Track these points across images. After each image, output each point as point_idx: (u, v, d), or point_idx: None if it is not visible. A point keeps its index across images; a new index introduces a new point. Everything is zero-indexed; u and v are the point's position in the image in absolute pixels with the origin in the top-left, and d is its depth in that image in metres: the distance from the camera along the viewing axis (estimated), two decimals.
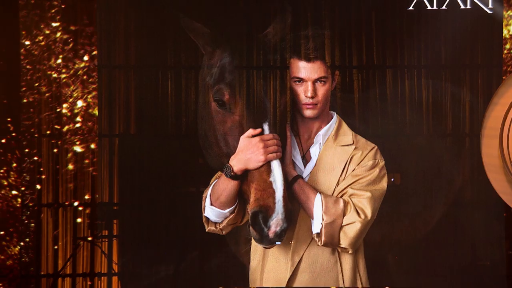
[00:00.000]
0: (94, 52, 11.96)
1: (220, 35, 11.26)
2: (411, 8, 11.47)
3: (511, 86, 11.11)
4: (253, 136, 10.85)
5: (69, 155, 12.03)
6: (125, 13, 11.80)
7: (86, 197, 12.02)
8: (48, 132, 11.98)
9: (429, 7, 11.46)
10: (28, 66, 11.95)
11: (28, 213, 11.99)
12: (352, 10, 11.69)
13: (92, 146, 12.05)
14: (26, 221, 11.97)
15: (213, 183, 11.06)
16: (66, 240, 11.94)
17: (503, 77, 11.57)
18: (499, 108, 11.09)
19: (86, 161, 12.04)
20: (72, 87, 12.06)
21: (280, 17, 11.28)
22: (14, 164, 12.06)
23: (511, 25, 12.12)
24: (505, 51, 12.03)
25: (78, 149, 11.99)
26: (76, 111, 12.06)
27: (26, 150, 12.07)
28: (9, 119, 12.03)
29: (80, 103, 12.04)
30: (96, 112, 11.97)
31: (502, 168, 11.05)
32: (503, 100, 11.11)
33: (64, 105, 12.07)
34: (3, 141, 12.08)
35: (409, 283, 11.85)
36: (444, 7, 11.44)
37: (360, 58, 11.64)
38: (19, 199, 12.03)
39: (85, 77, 12.04)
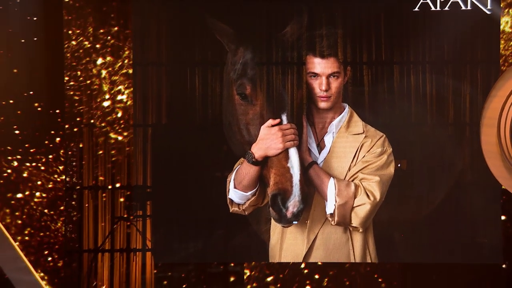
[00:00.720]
0: (127, 51, 12.05)
1: (242, 34, 11.37)
2: (416, 9, 11.47)
3: (508, 80, 11.09)
4: (273, 126, 11.00)
5: (109, 143, 12.15)
6: (157, 16, 11.87)
7: (123, 181, 12.14)
8: (91, 121, 12.14)
9: (433, 8, 11.46)
10: (73, 63, 12.08)
11: (74, 195, 12.12)
12: (363, 12, 11.68)
13: (127, 135, 12.13)
14: (70, 202, 12.09)
15: (237, 168, 11.20)
16: (105, 219, 12.09)
17: (501, 70, 11.53)
18: (497, 100, 11.08)
19: (124, 148, 12.14)
20: (108, 83, 12.14)
21: (297, 18, 11.32)
22: (62, 151, 12.21)
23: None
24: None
25: (116, 138, 12.09)
26: (114, 104, 12.14)
27: (72, 139, 12.16)
28: (57, 111, 12.22)
29: (118, 97, 12.10)
30: (131, 104, 12.06)
31: (499, 155, 11.06)
32: (501, 92, 11.09)
33: (105, 98, 12.13)
34: (52, 132, 12.20)
35: (414, 258, 11.90)
36: (446, 8, 11.43)
37: (369, 55, 11.62)
38: (66, 183, 12.11)
39: (122, 73, 12.12)
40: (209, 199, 11.61)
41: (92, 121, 12.23)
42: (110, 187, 12.16)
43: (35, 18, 12.00)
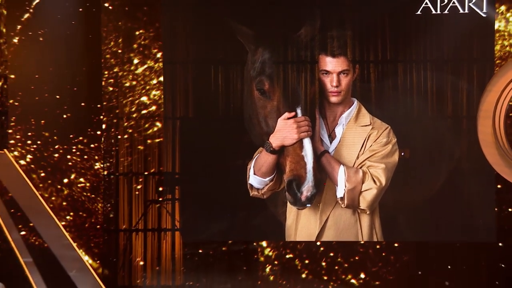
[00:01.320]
0: (158, 52, 12.17)
1: (261, 36, 11.57)
2: (419, 12, 11.51)
3: (502, 77, 11.16)
4: (288, 118, 11.28)
5: (143, 134, 12.27)
6: (184, 20, 12.02)
7: (155, 168, 12.27)
8: (127, 114, 12.26)
9: (434, 12, 11.49)
10: (112, 61, 12.29)
11: (111, 180, 12.29)
12: (370, 15, 11.73)
13: (159, 125, 12.25)
14: (109, 187, 12.32)
15: (256, 157, 11.46)
16: (138, 202, 12.26)
17: (495, 69, 11.56)
18: (492, 94, 11.16)
19: (156, 139, 12.25)
20: (142, 80, 12.33)
21: (310, 21, 11.52)
22: (102, 141, 12.36)
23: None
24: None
25: (149, 129, 12.22)
26: (148, 99, 12.27)
27: (110, 130, 12.35)
28: (98, 105, 12.44)
29: (152, 93, 12.23)
30: (162, 99, 12.21)
31: (494, 144, 11.14)
32: (496, 88, 11.15)
33: (139, 94, 12.27)
34: (92, 133, 12.39)
35: (416, 237, 12.00)
36: (446, 12, 11.46)
37: (376, 54, 11.70)
38: (104, 169, 12.31)
39: (154, 71, 12.25)
40: (231, 184, 11.76)
41: (128, 114, 12.35)
42: (142, 173, 12.33)
43: (73, 22, 12.18)
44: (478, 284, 11.53)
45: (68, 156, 12.45)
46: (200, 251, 12.43)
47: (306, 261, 12.37)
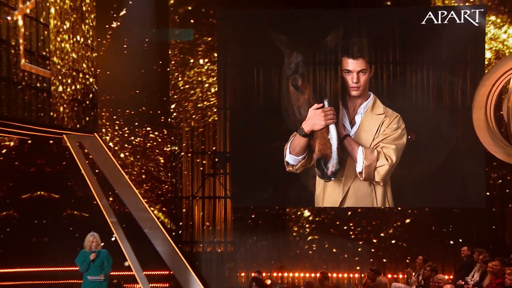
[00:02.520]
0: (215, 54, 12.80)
1: (295, 42, 12.05)
2: (423, 22, 11.83)
3: (493, 74, 11.36)
4: (317, 108, 11.83)
5: (202, 120, 12.87)
6: (234, 30, 12.49)
7: (211, 148, 12.95)
8: (189, 104, 12.90)
9: (436, 22, 11.81)
10: (177, 60, 12.91)
11: (178, 158, 12.92)
12: (383, 25, 12.07)
13: (214, 115, 12.91)
14: (174, 164, 12.91)
15: (291, 140, 11.98)
16: (198, 176, 12.88)
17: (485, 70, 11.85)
18: (485, 88, 11.36)
19: (211, 125, 12.86)
20: (202, 77, 12.97)
21: (335, 30, 11.96)
22: (171, 127, 12.94)
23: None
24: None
25: (206, 117, 12.86)
26: (206, 93, 12.92)
27: (177, 119, 12.99)
28: (164, 98, 12.98)
29: (211, 89, 12.85)
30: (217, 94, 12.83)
31: (486, 128, 11.38)
32: (488, 83, 11.35)
33: (199, 88, 12.90)
34: (163, 121, 12.99)
35: (420, 204, 12.42)
36: (446, 22, 11.78)
37: (388, 56, 12.08)
38: (172, 150, 13.00)
39: (210, 70, 12.86)
40: (271, 162, 12.18)
41: (190, 106, 12.93)
42: (201, 152, 12.94)
43: (146, 26, 12.65)
44: (478, 243, 11.47)
45: (145, 139, 13.04)
46: (246, 214, 12.93)
47: (337, 223, 12.83)
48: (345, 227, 12.90)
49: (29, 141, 13.12)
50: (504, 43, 12.27)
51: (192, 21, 12.96)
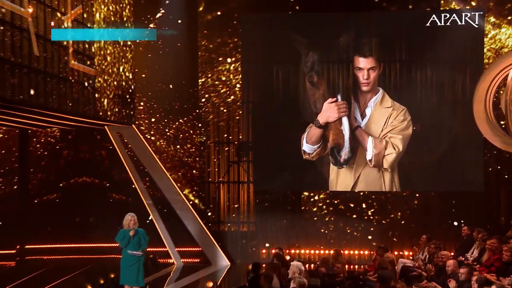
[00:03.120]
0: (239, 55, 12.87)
1: (311, 43, 12.17)
2: (428, 24, 11.86)
3: (492, 70, 11.45)
4: (331, 102, 11.96)
5: (226, 113, 13.01)
6: (256, 32, 12.62)
7: (235, 138, 13.07)
8: (216, 99, 13.04)
9: (439, 24, 11.84)
10: (206, 60, 13.01)
11: (204, 147, 13.05)
12: (391, 27, 12.19)
13: (237, 108, 13.01)
14: (202, 152, 13.05)
15: (308, 130, 12.13)
16: (224, 162, 12.98)
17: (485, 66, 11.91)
18: (484, 83, 11.44)
19: (236, 117, 12.98)
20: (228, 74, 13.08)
21: (347, 31, 12.05)
22: (201, 119, 13.04)
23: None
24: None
25: (231, 110, 12.99)
26: (235, 88, 13.00)
27: (206, 112, 13.10)
28: (191, 91, 13.07)
29: (237, 86, 12.91)
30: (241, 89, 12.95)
31: (485, 119, 11.47)
32: (487, 78, 11.45)
33: (223, 86, 13.01)
34: (194, 113, 13.07)
35: (424, 188, 12.53)
36: (448, 24, 11.82)
37: (395, 55, 12.18)
38: (201, 140, 13.12)
39: (235, 68, 12.93)
40: (290, 150, 12.28)
41: (218, 100, 13.05)
42: (227, 142, 13.05)
43: (176, 33, 12.71)
44: (477, 223, 11.36)
45: (178, 130, 13.20)
46: (267, 197, 13.05)
47: (351, 205, 12.90)
48: (358, 209, 12.94)
49: (74, 132, 13.27)
50: (502, 42, 12.24)
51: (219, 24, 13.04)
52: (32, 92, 8.95)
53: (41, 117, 10.33)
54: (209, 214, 13.16)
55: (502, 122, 11.63)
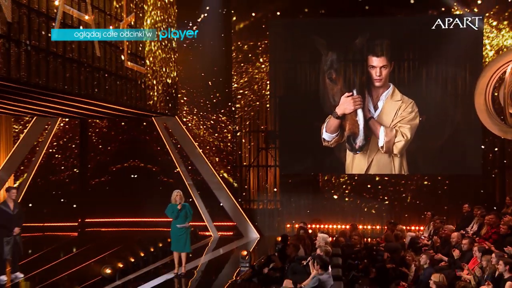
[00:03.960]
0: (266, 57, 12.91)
1: (331, 45, 12.30)
2: (433, 28, 11.92)
3: (492, 67, 11.55)
4: (348, 96, 12.16)
5: (257, 105, 13.02)
6: (282, 35, 12.72)
7: (263, 127, 13.14)
8: (247, 93, 13.07)
9: (443, 27, 11.90)
10: (239, 60, 13.04)
11: (238, 135, 13.10)
12: (401, 30, 12.26)
13: (267, 101, 13.11)
14: (236, 139, 13.15)
15: (327, 121, 12.32)
16: (254, 149, 13.16)
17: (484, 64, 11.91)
18: (485, 78, 11.53)
19: (265, 109, 13.04)
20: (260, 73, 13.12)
21: (362, 34, 12.16)
22: (234, 110, 13.03)
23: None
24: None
25: (261, 102, 13.07)
26: (262, 84, 13.08)
27: (239, 104, 13.16)
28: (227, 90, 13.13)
29: (266, 82, 12.96)
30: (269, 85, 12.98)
31: (485, 110, 11.56)
32: (487, 74, 11.54)
33: (254, 82, 13.06)
34: (229, 106, 13.09)
35: (430, 171, 12.57)
36: (451, 27, 11.88)
37: (404, 55, 12.27)
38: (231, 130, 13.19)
39: (265, 67, 13.03)
40: (311, 138, 12.42)
41: (248, 94, 13.07)
42: (256, 130, 13.12)
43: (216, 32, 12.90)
44: (476, 201, 11.30)
45: (216, 121, 13.28)
46: (290, 181, 13.09)
47: (368, 186, 12.96)
48: (373, 190, 12.98)
49: (125, 122, 13.42)
50: (502, 43, 12.20)
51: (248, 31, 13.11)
52: (96, 89, 9.15)
53: (101, 109, 10.48)
54: (242, 193, 13.19)
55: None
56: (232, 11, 13.02)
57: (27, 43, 7.39)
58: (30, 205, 12.63)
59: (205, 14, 12.97)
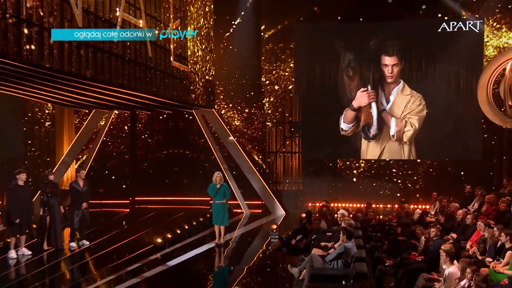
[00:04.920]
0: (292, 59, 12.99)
1: (349, 46, 12.43)
2: (439, 30, 11.94)
3: (493, 64, 11.46)
4: (363, 91, 12.29)
5: (284, 99, 13.13)
6: (306, 38, 12.77)
7: (288, 118, 13.21)
8: (278, 89, 13.18)
9: (448, 30, 11.89)
10: (268, 60, 13.19)
11: (267, 125, 13.20)
12: (410, 33, 12.26)
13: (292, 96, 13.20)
14: (263, 130, 13.26)
15: (345, 113, 12.45)
16: (279, 137, 13.24)
17: (484, 63, 11.88)
18: (486, 74, 11.46)
19: (290, 103, 13.07)
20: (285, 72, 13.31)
21: (376, 37, 12.25)
22: (262, 105, 13.13)
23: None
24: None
25: (289, 97, 13.19)
26: (286, 81, 13.23)
27: (267, 100, 13.18)
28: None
29: (291, 79, 13.10)
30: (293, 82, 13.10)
31: (487, 102, 11.48)
32: (488, 71, 11.47)
33: (281, 80, 13.13)
34: (260, 100, 13.19)
35: (436, 157, 12.64)
36: (455, 30, 11.87)
37: (412, 54, 12.26)
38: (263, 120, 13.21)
39: (290, 67, 13.13)
40: (330, 128, 12.54)
41: (275, 90, 13.25)
42: (282, 121, 13.23)
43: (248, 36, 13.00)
44: (476, 183, 11.39)
45: (248, 113, 13.48)
46: (313, 164, 13.20)
47: (381, 172, 13.04)
48: (388, 172, 13.06)
49: (169, 114, 13.50)
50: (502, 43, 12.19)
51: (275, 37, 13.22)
52: (148, 85, 9.41)
53: (150, 102, 10.71)
54: (270, 175, 13.29)
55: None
56: (261, 19, 13.11)
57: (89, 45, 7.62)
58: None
59: (239, 20, 13.08)
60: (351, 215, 10.31)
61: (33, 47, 6.58)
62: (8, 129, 12.63)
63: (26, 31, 6.43)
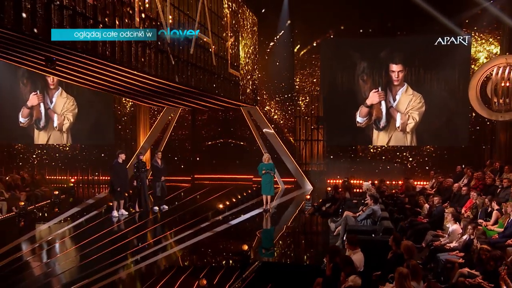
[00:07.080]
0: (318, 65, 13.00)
1: (363, 56, 12.58)
2: (435, 44, 11.97)
3: (482, 69, 11.38)
4: (375, 92, 12.45)
5: (311, 96, 13.08)
6: (330, 50, 12.89)
7: (313, 114, 13.30)
8: (305, 90, 13.12)
9: (443, 43, 11.92)
10: (300, 63, 13.19)
11: (297, 119, 13.15)
12: (412, 46, 12.27)
13: (317, 95, 13.28)
14: (295, 122, 13.28)
15: (360, 109, 12.61)
16: (306, 127, 13.27)
17: (475, 68, 11.85)
18: (475, 79, 11.38)
19: (315, 101, 13.20)
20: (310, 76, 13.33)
21: (386, 49, 12.36)
22: (294, 104, 13.28)
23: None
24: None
25: (316, 95, 13.14)
26: (315, 80, 13.28)
27: (296, 98, 13.35)
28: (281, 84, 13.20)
29: (317, 84, 13.11)
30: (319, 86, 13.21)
31: (476, 100, 11.39)
32: (478, 74, 11.37)
33: (310, 86, 13.26)
34: (293, 99, 13.13)
35: (433, 143, 12.63)
36: (448, 43, 11.89)
37: (414, 62, 12.31)
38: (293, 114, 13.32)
39: (317, 73, 13.14)
40: (348, 121, 12.68)
41: (306, 91, 13.07)
42: (307, 116, 13.34)
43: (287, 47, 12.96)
44: (465, 164, 11.21)
45: (285, 110, 13.48)
46: (332, 156, 13.06)
47: (389, 156, 12.90)
48: (398, 153, 12.97)
49: (223, 110, 13.43)
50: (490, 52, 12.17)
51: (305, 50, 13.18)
52: (214, 85, 9.68)
53: (211, 100, 10.91)
54: (300, 159, 13.42)
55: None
56: (295, 37, 13.19)
57: (175, 56, 7.99)
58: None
59: (279, 35, 13.23)
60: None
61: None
62: (102, 122, 13.32)
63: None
